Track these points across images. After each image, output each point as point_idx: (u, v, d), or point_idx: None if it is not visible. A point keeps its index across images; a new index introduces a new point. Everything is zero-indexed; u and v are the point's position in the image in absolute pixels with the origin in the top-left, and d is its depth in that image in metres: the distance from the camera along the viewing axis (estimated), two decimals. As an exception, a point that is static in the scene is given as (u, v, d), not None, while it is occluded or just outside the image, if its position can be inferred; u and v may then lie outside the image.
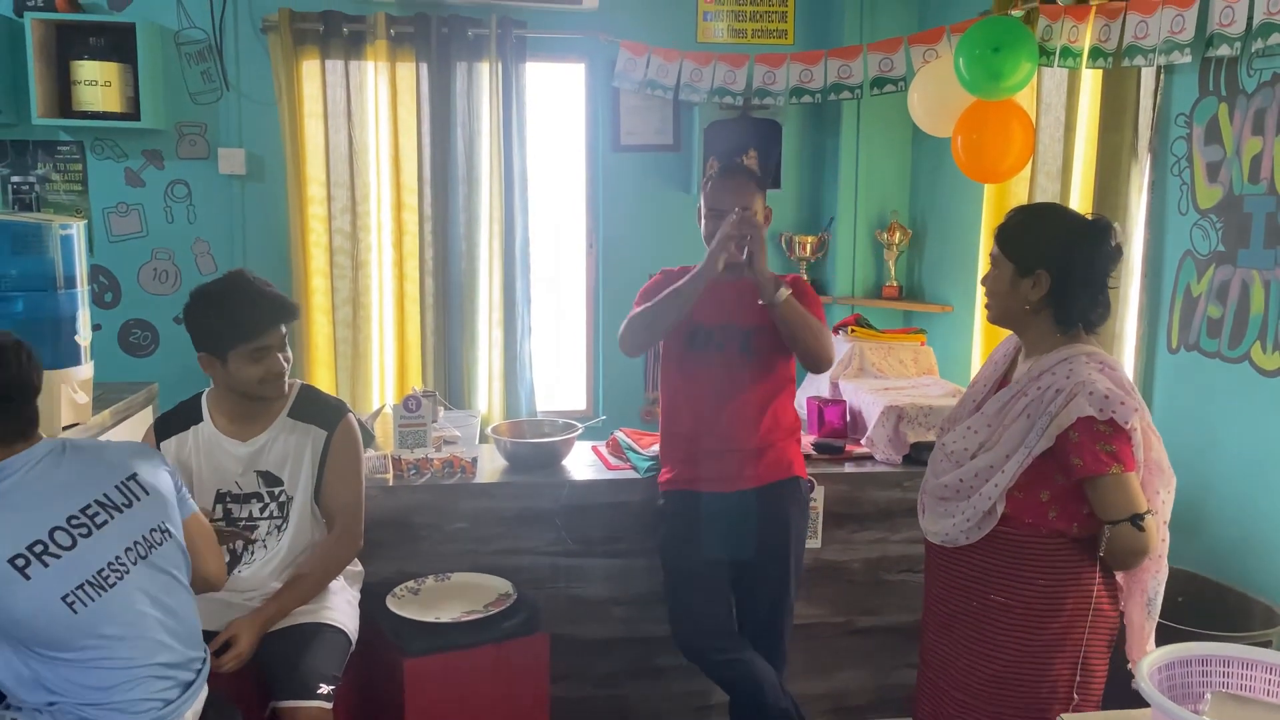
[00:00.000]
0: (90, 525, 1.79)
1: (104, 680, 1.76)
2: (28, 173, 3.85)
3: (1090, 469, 1.84)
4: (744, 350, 2.55)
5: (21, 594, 1.68)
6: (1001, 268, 1.98)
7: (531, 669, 2.47)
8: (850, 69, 3.71)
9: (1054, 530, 1.92)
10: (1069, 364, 1.91)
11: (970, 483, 1.97)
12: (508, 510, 2.79)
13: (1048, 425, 1.86)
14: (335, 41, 3.83)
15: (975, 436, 2.00)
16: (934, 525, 2.06)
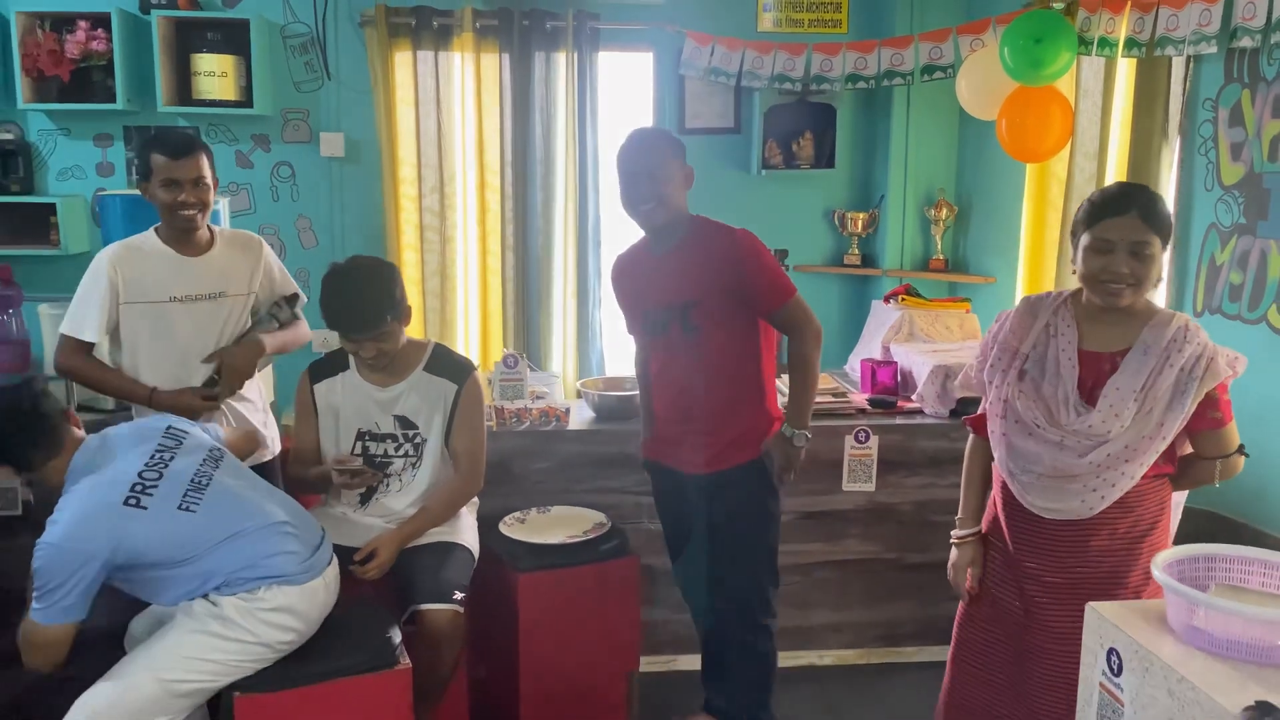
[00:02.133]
0: (163, 460, 2.20)
1: (244, 554, 2.15)
2: (150, 155, 4.25)
3: (1226, 419, 2.07)
4: (685, 329, 2.52)
5: (148, 521, 2.09)
6: (1157, 252, 2.01)
7: (624, 588, 2.83)
8: (902, 57, 4.01)
9: (1159, 474, 2.09)
10: (1187, 330, 2.02)
11: (1121, 454, 2.02)
12: (597, 454, 3.14)
13: (1197, 388, 2.00)
14: (426, 34, 4.18)
15: (1127, 413, 2.02)
16: (1057, 503, 2.07)
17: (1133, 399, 2.00)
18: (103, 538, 2.05)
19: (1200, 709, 1.59)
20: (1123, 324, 2.06)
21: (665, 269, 2.57)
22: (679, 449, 2.62)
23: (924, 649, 3.33)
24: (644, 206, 2.51)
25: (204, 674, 2.13)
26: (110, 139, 4.23)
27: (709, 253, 2.51)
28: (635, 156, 2.52)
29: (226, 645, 2.13)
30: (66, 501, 2.09)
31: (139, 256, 2.67)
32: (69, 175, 4.24)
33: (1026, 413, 2.09)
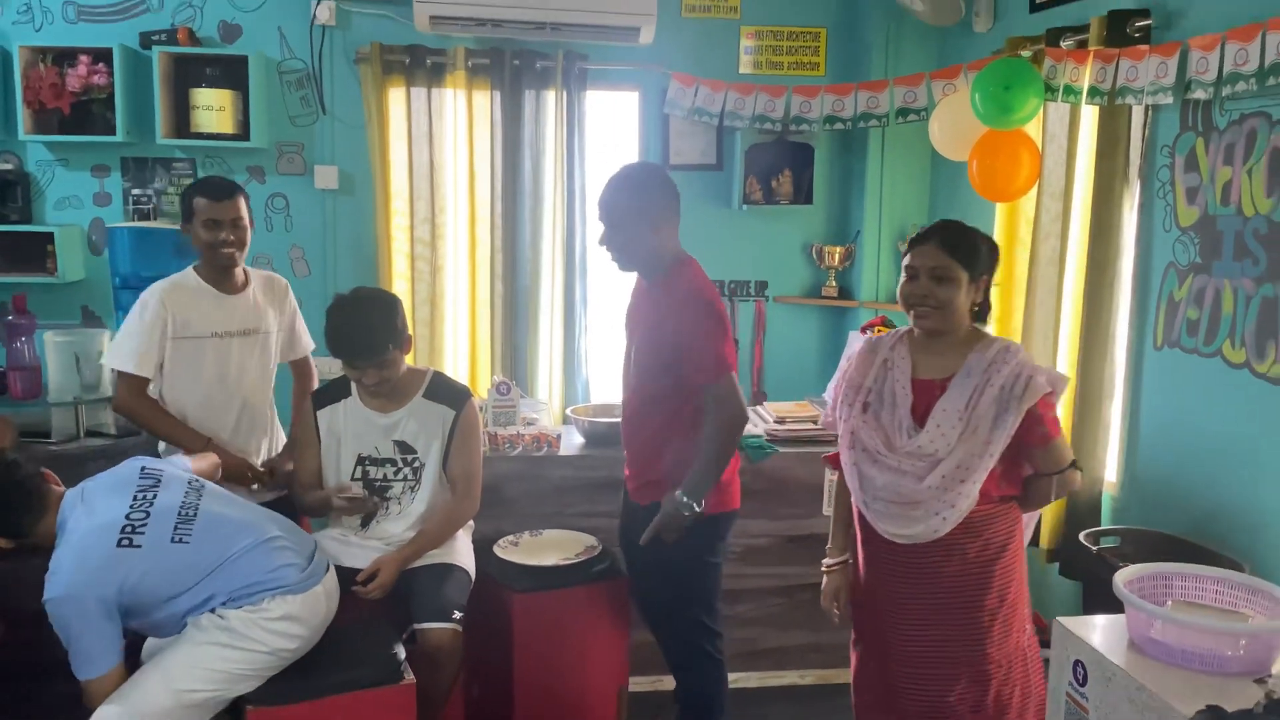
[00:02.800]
0: (147, 499, 2.30)
1: (244, 572, 2.26)
2: (147, 186, 4.35)
3: (1053, 433, 2.19)
4: (631, 362, 2.68)
5: (144, 558, 2.20)
6: (958, 277, 2.17)
7: (615, 608, 2.94)
8: (878, 100, 4.19)
9: (1003, 496, 2.22)
10: (1008, 351, 2.20)
11: (954, 475, 2.13)
12: (587, 479, 3.26)
13: (1019, 406, 2.13)
14: (419, 72, 4.32)
15: (952, 432, 2.15)
16: (906, 529, 2.18)
17: (958, 418, 2.13)
18: (104, 581, 2.15)
19: (1157, 714, 1.73)
20: (950, 352, 2.22)
21: (637, 304, 2.74)
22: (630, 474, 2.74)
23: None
24: (609, 255, 2.63)
25: (214, 683, 2.22)
26: (108, 170, 4.33)
27: (663, 301, 2.57)
28: (602, 209, 2.62)
29: (235, 655, 2.23)
30: (61, 554, 2.19)
31: (186, 293, 2.84)
32: (66, 205, 4.32)
33: (869, 441, 2.22)
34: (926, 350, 2.25)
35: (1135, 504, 3.25)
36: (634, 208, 2.56)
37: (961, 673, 2.22)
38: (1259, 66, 2.66)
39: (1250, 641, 1.78)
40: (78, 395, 2.81)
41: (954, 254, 2.17)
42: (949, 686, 2.22)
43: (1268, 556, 2.68)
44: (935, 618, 2.21)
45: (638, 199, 2.58)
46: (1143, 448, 3.25)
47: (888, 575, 2.26)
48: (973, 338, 2.25)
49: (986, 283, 2.25)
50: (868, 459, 2.22)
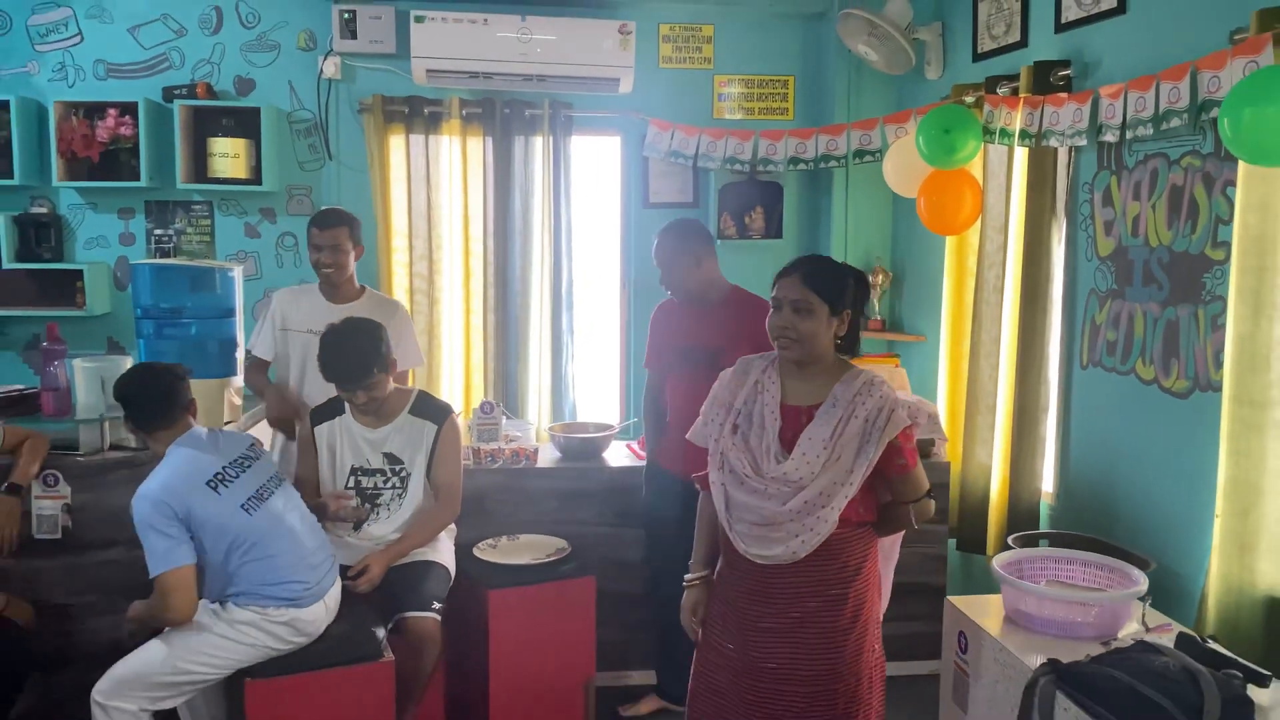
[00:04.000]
0: (241, 468, 2.66)
1: (266, 575, 2.57)
2: (168, 226, 4.74)
3: (911, 464, 2.27)
4: (712, 366, 3.02)
5: (217, 505, 2.55)
6: (818, 310, 2.23)
7: (582, 604, 3.24)
8: (837, 143, 4.53)
9: (861, 521, 2.29)
10: (871, 385, 2.27)
11: (816, 501, 2.19)
12: (561, 489, 3.57)
13: (880, 437, 2.21)
14: (417, 120, 4.69)
15: (817, 460, 2.20)
16: (767, 550, 2.23)
17: (823, 447, 2.20)
18: (184, 499, 2.50)
19: (1014, 669, 2.03)
20: (818, 380, 2.29)
21: (703, 320, 3.27)
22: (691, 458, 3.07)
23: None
24: (668, 290, 3.34)
25: (213, 666, 2.54)
26: (132, 212, 4.72)
27: (740, 315, 3.19)
28: (656, 255, 3.31)
29: (236, 648, 2.55)
30: (163, 466, 2.57)
31: (297, 296, 3.54)
32: (95, 244, 4.71)
33: (737, 463, 2.28)
34: (795, 377, 2.31)
35: (1069, 511, 3.52)
36: (678, 249, 3.25)
37: (812, 690, 2.27)
38: (1154, 112, 2.98)
39: (1099, 610, 2.07)
40: (103, 413, 3.14)
41: (814, 287, 2.23)
42: (795, 704, 2.27)
43: (1175, 549, 2.93)
44: (791, 635, 2.26)
45: (680, 243, 3.26)
46: (1074, 459, 3.53)
47: (748, 593, 2.30)
48: (839, 368, 2.31)
49: (850, 316, 2.31)
50: (735, 481, 2.27)
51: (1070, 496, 3.54)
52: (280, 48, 4.69)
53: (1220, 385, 2.72)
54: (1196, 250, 2.92)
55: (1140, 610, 2.16)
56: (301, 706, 2.55)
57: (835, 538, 2.23)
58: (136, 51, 4.63)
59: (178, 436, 2.63)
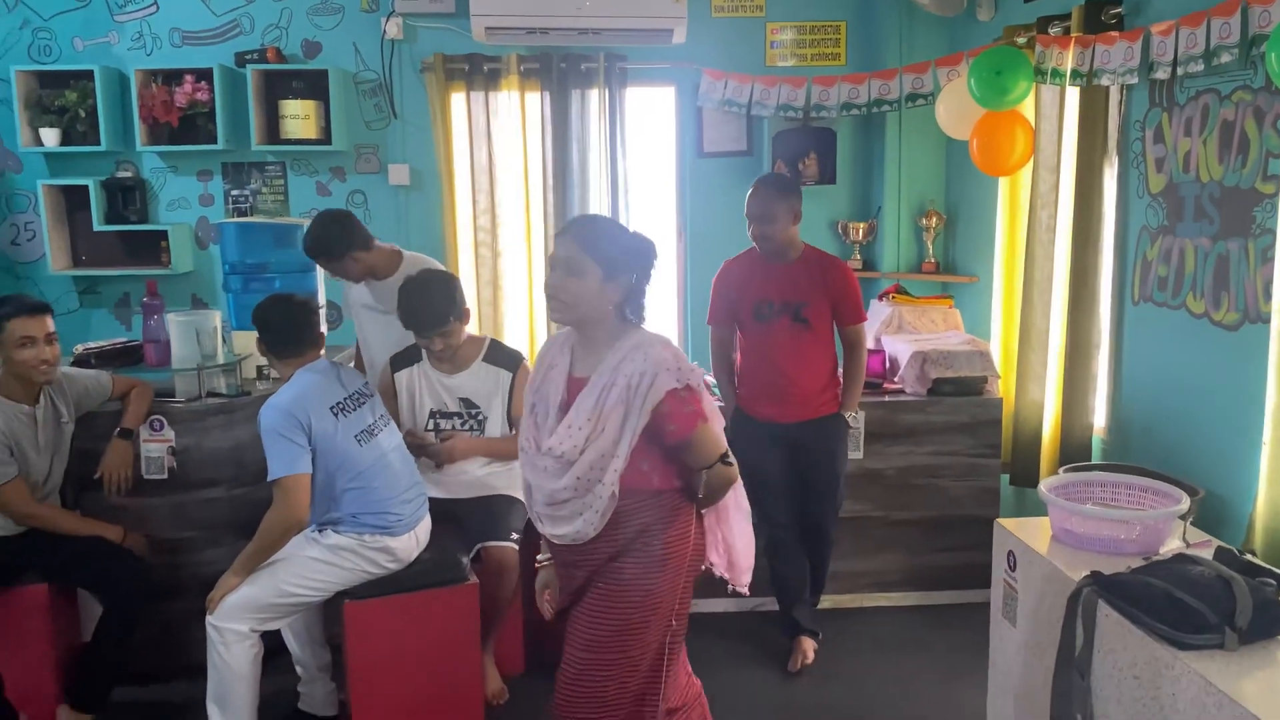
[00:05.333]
0: (357, 403, 2.86)
1: (365, 504, 2.78)
2: (244, 187, 4.96)
3: (684, 431, 2.09)
4: (795, 319, 3.41)
5: (335, 431, 2.76)
6: (589, 272, 2.08)
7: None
8: (889, 87, 4.58)
9: (655, 490, 2.15)
10: (641, 350, 2.10)
11: (588, 476, 2.07)
12: (626, 430, 3.74)
13: (642, 404, 2.06)
14: (477, 77, 4.84)
15: (580, 433, 2.08)
16: (561, 529, 2.15)
17: (587, 419, 2.07)
18: (307, 415, 2.72)
19: (1060, 583, 2.16)
20: (599, 349, 2.14)
21: (782, 276, 3.40)
22: (776, 405, 3.43)
23: (908, 594, 3.89)
24: (760, 242, 3.42)
25: (314, 589, 2.78)
26: (210, 174, 4.95)
27: (824, 273, 3.42)
28: (754, 205, 3.39)
29: (335, 571, 2.78)
30: (291, 384, 2.79)
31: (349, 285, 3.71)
32: (176, 206, 4.96)
33: (525, 441, 2.22)
34: (582, 346, 2.20)
35: (1121, 445, 3.61)
36: (781, 201, 3.37)
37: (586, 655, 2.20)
38: (1205, 49, 3.01)
39: (1141, 528, 2.19)
40: (199, 363, 3.38)
41: (587, 249, 2.09)
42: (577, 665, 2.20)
43: (1224, 478, 3.01)
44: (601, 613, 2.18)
45: (783, 195, 3.38)
46: (1125, 393, 3.61)
47: (560, 571, 2.29)
48: (618, 334, 2.15)
49: (630, 283, 2.14)
50: (526, 460, 2.21)
51: (1122, 430, 3.62)
52: (344, 10, 4.85)
53: (1269, 317, 2.79)
54: (1247, 184, 2.97)
55: (1181, 528, 2.28)
56: (395, 625, 2.77)
57: (625, 509, 2.12)
58: (209, 19, 4.82)
59: (305, 364, 2.84)
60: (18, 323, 2.91)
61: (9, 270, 4.98)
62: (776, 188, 3.43)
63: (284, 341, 2.86)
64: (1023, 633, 2.33)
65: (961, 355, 3.86)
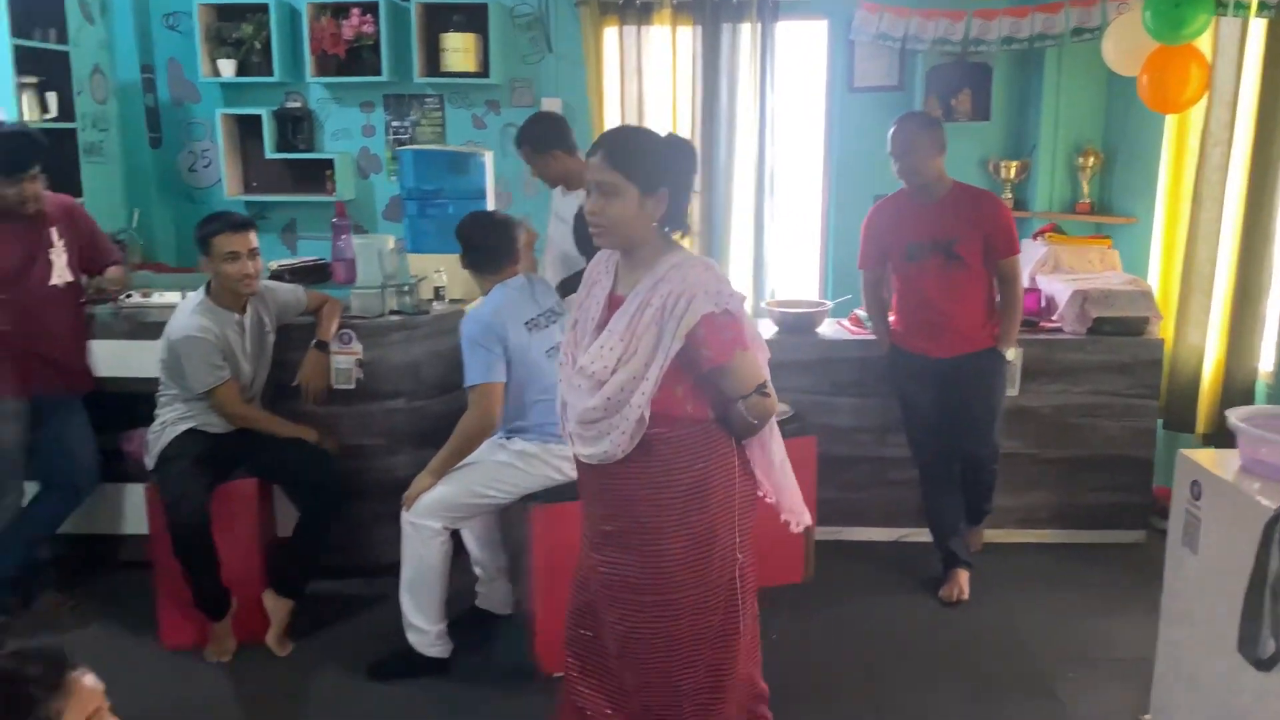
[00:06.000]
0: (549, 320, 3.00)
1: (550, 414, 2.92)
2: (404, 118, 5.16)
3: (720, 357, 2.00)
4: (948, 258, 3.38)
5: (528, 344, 2.91)
6: (626, 192, 1.99)
7: (804, 461, 3.49)
8: (1054, 21, 4.47)
9: (692, 419, 2.06)
10: (680, 270, 2.01)
11: (618, 398, 2.01)
12: (777, 360, 3.79)
13: (676, 328, 1.97)
14: (630, 12, 4.90)
15: (611, 353, 2.02)
16: (589, 449, 2.09)
17: (619, 339, 2.01)
18: (504, 328, 2.87)
19: (1251, 510, 2.18)
20: (639, 269, 2.07)
21: (932, 214, 3.37)
22: (931, 340, 3.45)
23: (1057, 532, 3.91)
24: (906, 178, 3.37)
25: (503, 491, 2.96)
26: (372, 106, 5.15)
27: (975, 207, 3.36)
28: (897, 142, 3.34)
29: (523, 475, 2.96)
30: (490, 298, 2.95)
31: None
32: (340, 136, 5.18)
33: (564, 357, 2.17)
34: (625, 264, 2.13)
35: (1288, 390, 3.55)
36: (925, 137, 3.32)
37: (645, 598, 2.13)
38: None
39: (1339, 459, 2.18)
40: (382, 282, 3.58)
41: (620, 167, 2.00)
42: (635, 612, 2.14)
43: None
44: (621, 538, 2.14)
45: (926, 131, 3.33)
46: (1296, 337, 3.53)
47: (588, 496, 2.23)
48: (660, 252, 2.07)
49: (669, 195, 2.04)
50: (563, 377, 2.17)
51: (1290, 374, 3.55)
52: (504, -56, 4.96)
53: None
54: None
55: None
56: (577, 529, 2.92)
57: (656, 436, 2.05)
58: (375, -47, 4.99)
59: (504, 280, 3.00)
60: (224, 238, 3.12)
61: (186, 196, 5.30)
62: (918, 120, 3.42)
63: (484, 258, 3.02)
64: (1205, 560, 2.35)
65: (1124, 295, 3.81)
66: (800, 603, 3.44)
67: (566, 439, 2.19)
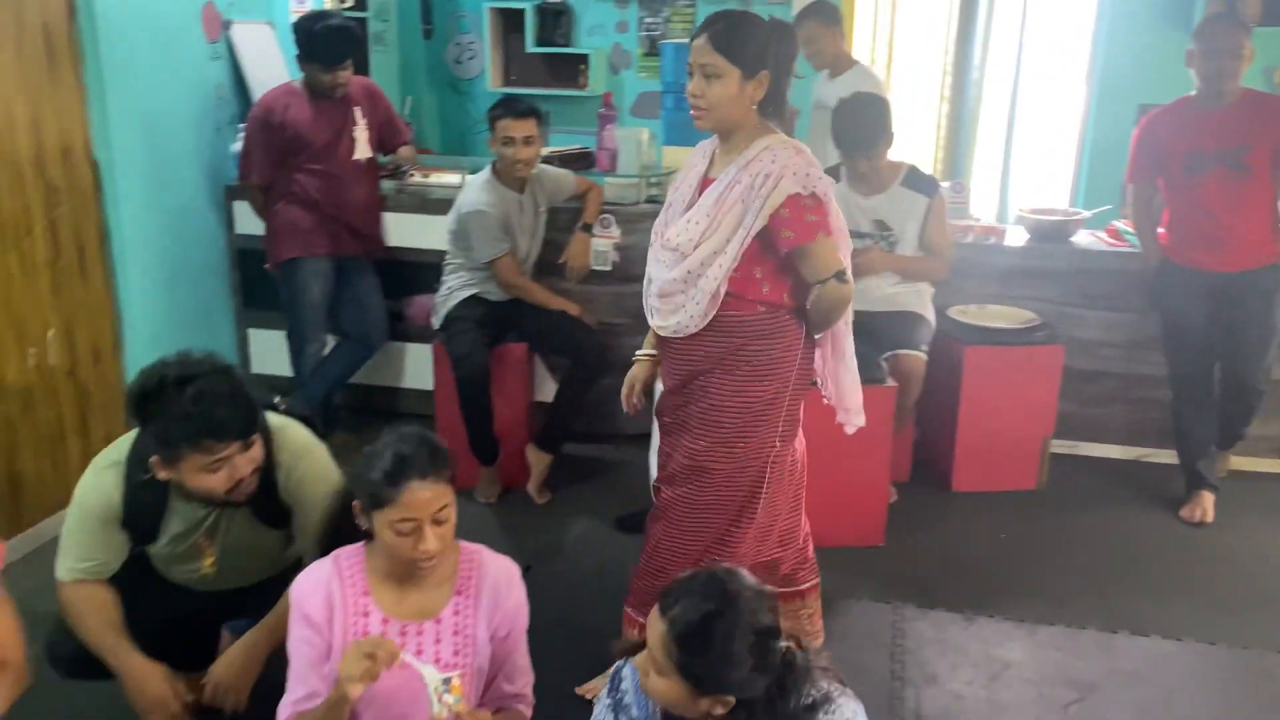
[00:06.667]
0: None
1: None
2: (657, 15, 5.28)
3: (801, 238, 2.05)
4: (1233, 167, 3.20)
5: None
6: (727, 75, 2.03)
7: (1048, 370, 3.50)
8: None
9: (768, 302, 2.13)
10: (771, 151, 2.07)
11: (697, 271, 2.10)
12: (1028, 268, 3.77)
13: (761, 206, 2.04)
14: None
15: (696, 228, 2.10)
16: (666, 321, 2.19)
17: (706, 214, 2.09)
18: None
19: None
20: (735, 151, 2.12)
21: (1219, 122, 3.20)
22: (1209, 253, 3.29)
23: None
24: (1214, 81, 3.17)
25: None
26: (627, 1, 5.29)
27: (1269, 113, 3.19)
28: (1215, 38, 3.17)
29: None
30: None
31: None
32: (595, 31, 5.38)
33: (654, 235, 2.27)
34: (722, 149, 2.18)
35: None
36: (1236, 39, 3.14)
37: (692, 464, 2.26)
38: None
39: None
40: (637, 172, 3.78)
41: (723, 50, 2.03)
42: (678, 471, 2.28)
43: None
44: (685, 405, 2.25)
45: (1237, 33, 3.16)
46: None
47: (666, 372, 2.31)
48: (755, 135, 2.13)
49: (769, 78, 2.08)
50: (651, 253, 2.27)
51: None
52: None
53: None
54: None
55: None
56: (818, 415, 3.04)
57: (731, 318, 2.13)
58: None
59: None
60: (504, 122, 3.38)
61: (452, 86, 5.66)
62: (1228, 25, 3.23)
63: None
64: None
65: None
66: (1032, 509, 3.48)
67: (648, 312, 2.29)
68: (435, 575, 1.81)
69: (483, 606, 1.83)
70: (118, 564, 2.13)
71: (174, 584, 2.24)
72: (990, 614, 2.84)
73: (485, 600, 1.83)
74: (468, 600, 1.82)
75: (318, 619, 1.78)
